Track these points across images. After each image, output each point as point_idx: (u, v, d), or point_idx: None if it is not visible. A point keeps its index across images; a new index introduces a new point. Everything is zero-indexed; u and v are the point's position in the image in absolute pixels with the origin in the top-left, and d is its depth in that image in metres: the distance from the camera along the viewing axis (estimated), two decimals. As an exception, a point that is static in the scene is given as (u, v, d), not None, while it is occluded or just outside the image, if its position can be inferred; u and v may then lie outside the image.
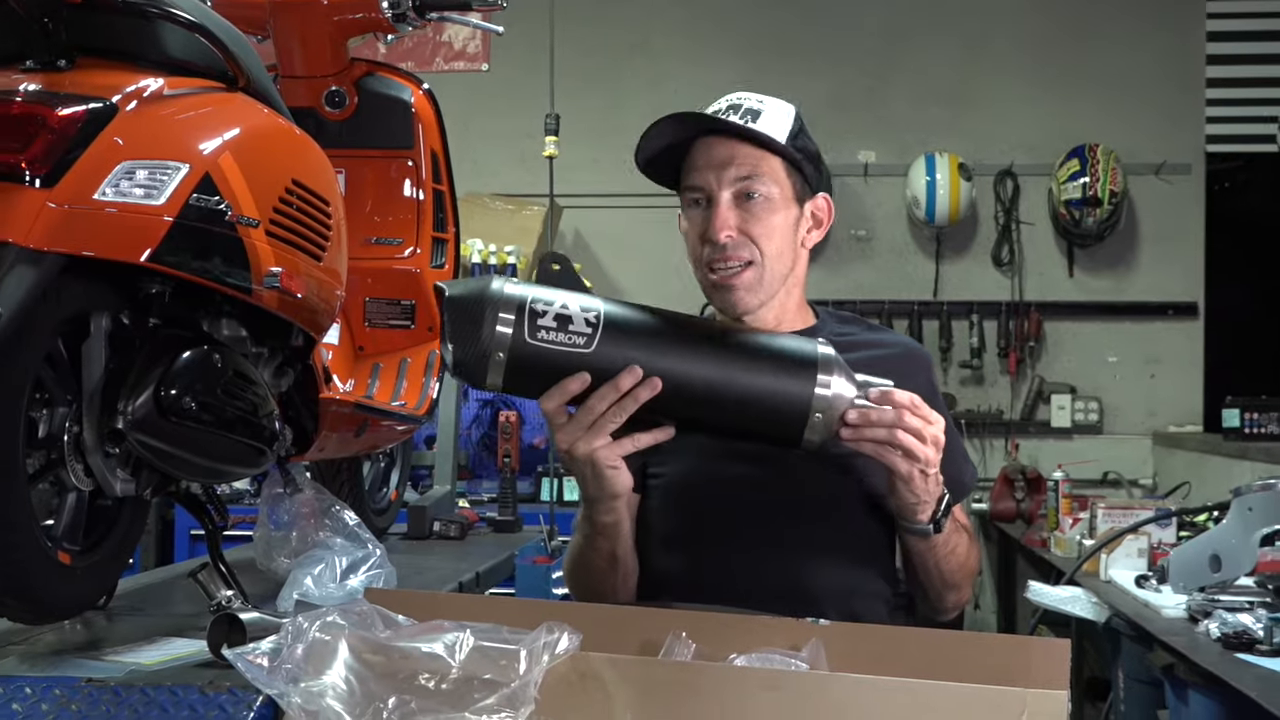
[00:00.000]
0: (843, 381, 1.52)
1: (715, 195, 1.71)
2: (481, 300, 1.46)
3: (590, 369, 1.46)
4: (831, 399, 1.51)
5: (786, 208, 1.74)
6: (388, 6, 2.28)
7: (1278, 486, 2.87)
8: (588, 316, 1.47)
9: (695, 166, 1.74)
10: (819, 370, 1.51)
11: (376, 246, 2.40)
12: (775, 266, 1.74)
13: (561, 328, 1.46)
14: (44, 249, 1.39)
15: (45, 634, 1.74)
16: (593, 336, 1.46)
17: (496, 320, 1.46)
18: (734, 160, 1.71)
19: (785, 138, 1.73)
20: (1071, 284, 5.90)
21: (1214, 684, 2.55)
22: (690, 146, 1.74)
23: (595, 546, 1.67)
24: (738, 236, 1.71)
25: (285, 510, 2.01)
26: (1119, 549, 3.52)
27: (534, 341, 1.46)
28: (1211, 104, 5.87)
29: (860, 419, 1.52)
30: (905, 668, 1.26)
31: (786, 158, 1.73)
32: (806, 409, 1.50)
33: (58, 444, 1.55)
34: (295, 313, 1.80)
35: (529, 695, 1.18)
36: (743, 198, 1.71)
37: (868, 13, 5.95)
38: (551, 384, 1.47)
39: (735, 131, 1.71)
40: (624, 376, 1.46)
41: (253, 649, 1.19)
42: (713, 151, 1.72)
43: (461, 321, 1.47)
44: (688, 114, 1.72)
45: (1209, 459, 5.10)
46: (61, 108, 1.43)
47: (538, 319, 1.46)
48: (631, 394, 1.46)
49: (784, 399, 1.50)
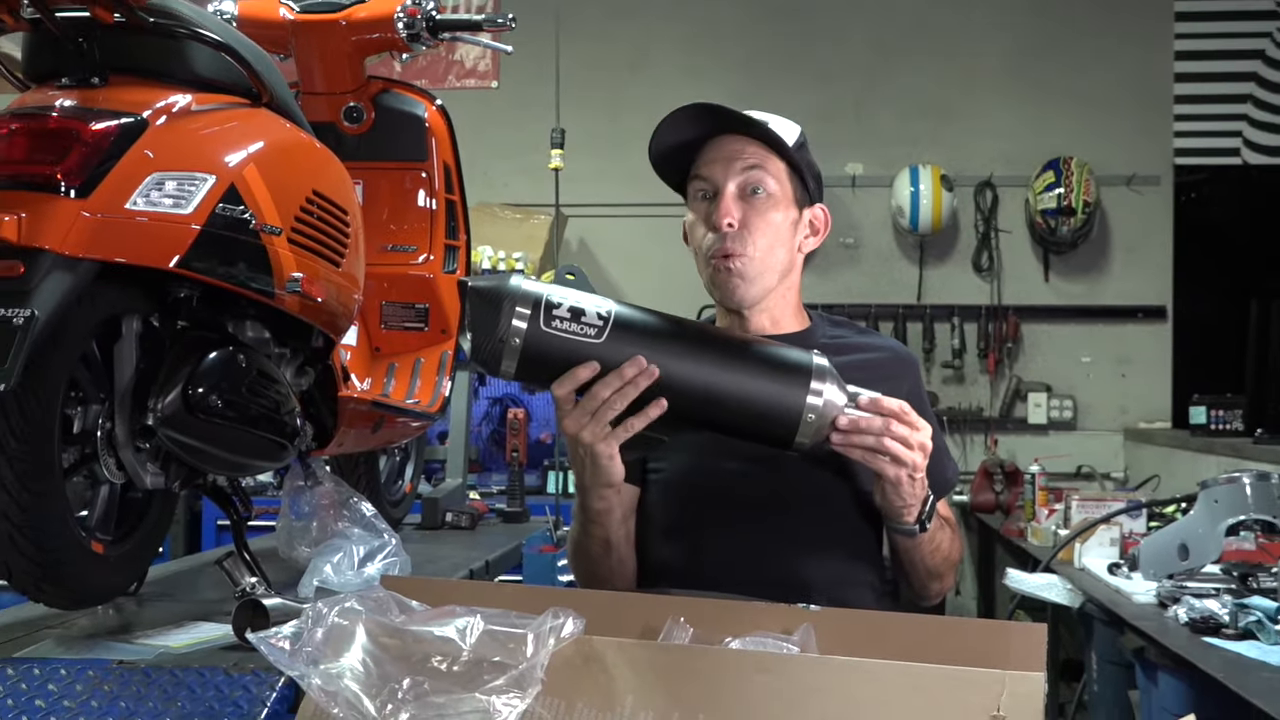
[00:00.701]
0: (834, 389, 1.53)
1: (722, 187, 1.71)
2: (501, 293, 1.48)
3: (599, 359, 1.48)
4: (823, 405, 1.51)
5: (786, 208, 1.74)
6: (403, 27, 2.28)
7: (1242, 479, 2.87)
8: (599, 311, 1.49)
9: (705, 160, 1.73)
10: (812, 378, 1.51)
11: (392, 253, 2.40)
12: (770, 261, 1.74)
13: (575, 319, 1.48)
14: (79, 256, 1.39)
15: (79, 618, 1.75)
16: (603, 329, 1.48)
17: (514, 312, 1.47)
18: (743, 153, 1.71)
19: (792, 143, 1.74)
20: (1047, 289, 5.90)
21: (1182, 666, 2.56)
22: (700, 147, 1.75)
23: (590, 533, 1.68)
24: (739, 228, 1.71)
25: (306, 502, 2.01)
26: (1092, 538, 3.53)
27: (548, 330, 1.47)
28: (1179, 119, 5.87)
29: (850, 425, 1.52)
30: (891, 651, 1.26)
31: (790, 162, 1.74)
32: (799, 413, 1.51)
33: (91, 440, 1.56)
34: (315, 316, 1.80)
35: (536, 677, 1.18)
36: (747, 191, 1.71)
37: (856, 32, 5.95)
38: (562, 371, 1.48)
39: (747, 128, 1.72)
40: (627, 366, 1.47)
41: (275, 633, 1.19)
42: (723, 146, 1.73)
43: (481, 311, 1.48)
44: (705, 105, 1.71)
45: (1177, 453, 5.10)
46: (95, 122, 1.43)
47: (553, 309, 1.47)
48: (633, 381, 1.47)
49: (778, 403, 1.51)
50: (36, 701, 1.42)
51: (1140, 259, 5.86)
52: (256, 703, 1.41)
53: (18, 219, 1.35)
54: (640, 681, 1.21)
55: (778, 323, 1.80)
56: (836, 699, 1.18)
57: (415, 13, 2.29)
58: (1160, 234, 5.87)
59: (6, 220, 1.35)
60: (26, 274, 1.35)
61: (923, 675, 1.19)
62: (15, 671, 1.46)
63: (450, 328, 2.41)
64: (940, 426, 1.84)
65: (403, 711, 1.15)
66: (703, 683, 1.21)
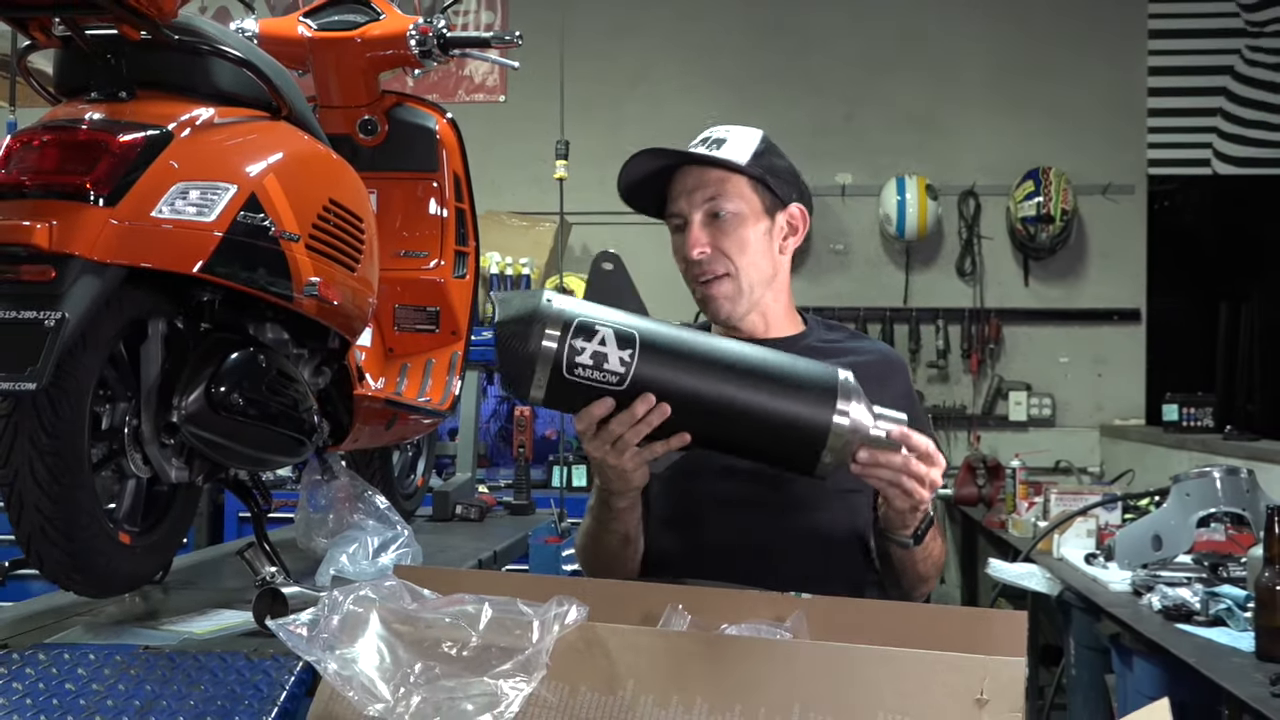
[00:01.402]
0: (861, 419, 1.47)
1: (689, 218, 1.73)
2: (527, 350, 1.42)
3: (617, 397, 1.44)
4: (847, 437, 1.46)
5: (756, 221, 1.74)
6: (415, 44, 2.28)
7: (1213, 474, 2.88)
8: (622, 356, 1.43)
9: (672, 195, 1.75)
10: (835, 411, 1.45)
11: (405, 259, 2.40)
12: (751, 274, 1.74)
13: (597, 366, 1.43)
14: (107, 261, 1.39)
15: (107, 606, 1.74)
16: (625, 376, 1.43)
17: (534, 372, 1.42)
18: (700, 185, 1.72)
19: (748, 159, 1.73)
20: (1027, 292, 5.89)
21: (1156, 651, 2.56)
22: (670, 179, 1.75)
23: (610, 529, 1.66)
24: (711, 252, 1.71)
25: (323, 495, 2.00)
26: (1070, 530, 3.53)
27: (570, 378, 1.43)
28: (1153, 131, 5.86)
29: (870, 460, 1.49)
30: (879, 637, 1.26)
31: (749, 175, 1.73)
32: (821, 447, 1.46)
33: (119, 436, 1.56)
34: (332, 318, 1.80)
35: (541, 662, 1.17)
36: (712, 217, 1.72)
37: (845, 49, 5.94)
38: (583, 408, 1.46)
39: (698, 160, 1.73)
40: (638, 404, 1.43)
41: (293, 620, 1.19)
42: (685, 180, 1.74)
43: (508, 361, 1.45)
44: (655, 149, 1.74)
45: (1150, 449, 5.09)
46: (123, 134, 1.43)
47: (576, 356, 1.42)
48: (645, 419, 1.44)
49: (802, 435, 1.46)
50: (66, 685, 1.42)
51: (1115, 264, 5.86)
52: (275, 686, 1.41)
53: (49, 226, 1.35)
54: (641, 666, 1.21)
55: (770, 326, 1.79)
56: (827, 682, 1.18)
57: (427, 31, 2.29)
58: (1134, 240, 5.87)
59: (39, 228, 1.35)
60: (58, 278, 1.35)
61: (909, 660, 1.19)
62: (46, 656, 1.46)
63: (460, 329, 2.41)
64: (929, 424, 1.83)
65: (415, 695, 1.14)
66: (700, 667, 1.21)
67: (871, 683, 1.17)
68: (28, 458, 1.39)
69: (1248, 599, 2.49)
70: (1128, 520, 3.51)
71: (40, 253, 1.35)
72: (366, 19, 2.29)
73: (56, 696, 1.40)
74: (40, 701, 1.39)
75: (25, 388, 1.30)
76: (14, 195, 1.38)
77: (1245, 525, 2.97)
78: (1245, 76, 5.83)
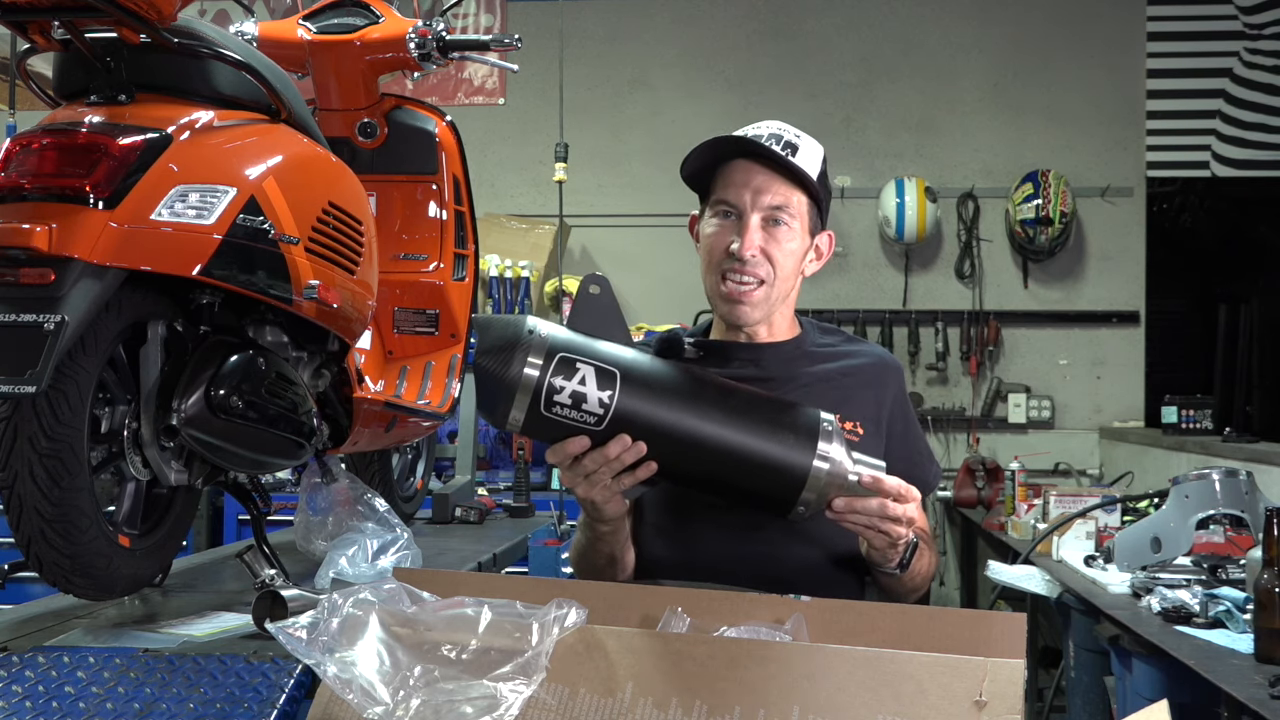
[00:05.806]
0: (840, 464, 1.49)
1: (746, 215, 1.69)
2: (506, 381, 1.44)
3: (592, 436, 1.46)
4: (825, 479, 1.49)
5: (801, 238, 1.74)
6: (415, 47, 2.28)
7: (1212, 476, 2.88)
8: (602, 397, 1.44)
9: (733, 184, 1.70)
10: (816, 456, 1.48)
11: (404, 261, 2.40)
12: (782, 287, 1.74)
13: (576, 405, 1.44)
14: (107, 264, 1.39)
15: (107, 608, 1.74)
16: (603, 417, 1.45)
17: (511, 405, 1.45)
18: (770, 189, 1.69)
19: (815, 175, 1.71)
20: (1026, 295, 5.89)
21: (1155, 653, 2.56)
22: (725, 161, 1.72)
23: (596, 549, 1.67)
24: (760, 255, 1.70)
25: (322, 498, 2.00)
26: (1069, 532, 3.52)
27: (548, 415, 1.45)
28: (1151, 134, 5.87)
29: (846, 507, 1.51)
30: (878, 639, 1.26)
31: (813, 195, 1.72)
32: (799, 491, 1.49)
33: (118, 438, 1.56)
34: (331, 321, 1.80)
35: (541, 664, 1.17)
36: (770, 222, 1.70)
37: (845, 51, 5.95)
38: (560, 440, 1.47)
39: (778, 162, 1.69)
40: (612, 445, 1.45)
41: (293, 622, 1.19)
42: (752, 175, 1.70)
43: (487, 389, 1.46)
44: (740, 137, 1.70)
45: (1149, 451, 5.09)
46: (122, 138, 1.43)
47: (555, 395, 1.44)
48: (619, 459, 1.46)
49: (780, 483, 1.49)
50: (66, 688, 1.42)
51: (1114, 266, 5.86)
52: (275, 689, 1.41)
53: (49, 229, 1.35)
54: (640, 668, 1.21)
55: (773, 331, 1.80)
56: (826, 685, 1.18)
57: (426, 34, 2.29)
58: (1133, 242, 5.87)
59: (38, 230, 1.35)
60: (57, 281, 1.35)
61: (909, 662, 1.19)
62: (46, 659, 1.46)
63: (459, 332, 2.41)
64: (924, 427, 1.83)
65: (414, 697, 1.14)
66: (699, 669, 1.21)
67: (871, 685, 1.17)
68: (27, 461, 1.39)
69: (1247, 601, 2.48)
70: (1127, 522, 3.51)
71: (40, 255, 1.35)
72: (366, 22, 2.29)
73: (56, 699, 1.40)
74: (39, 704, 1.39)
75: (25, 390, 1.30)
76: (14, 198, 1.38)
77: (1244, 527, 2.97)
78: (1244, 79, 5.83)
